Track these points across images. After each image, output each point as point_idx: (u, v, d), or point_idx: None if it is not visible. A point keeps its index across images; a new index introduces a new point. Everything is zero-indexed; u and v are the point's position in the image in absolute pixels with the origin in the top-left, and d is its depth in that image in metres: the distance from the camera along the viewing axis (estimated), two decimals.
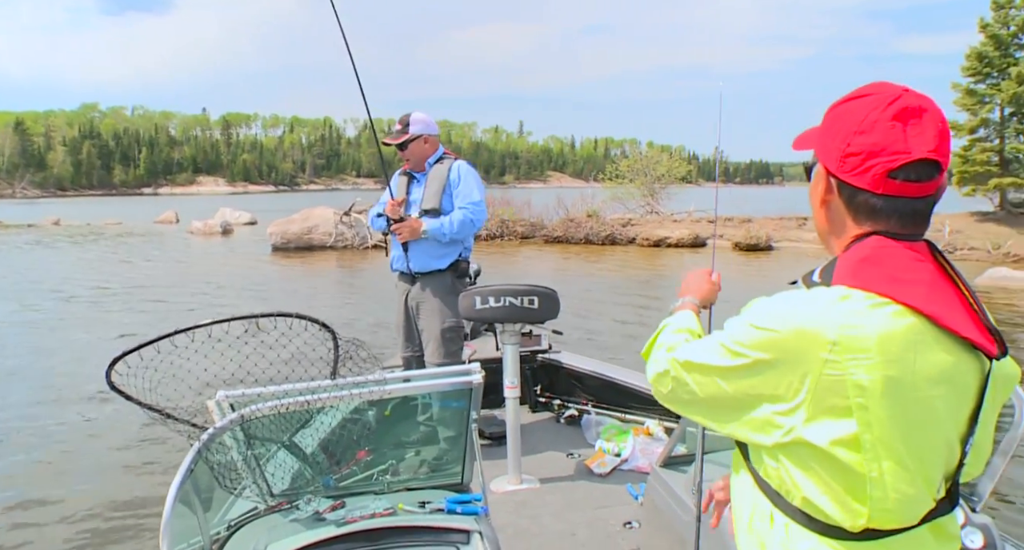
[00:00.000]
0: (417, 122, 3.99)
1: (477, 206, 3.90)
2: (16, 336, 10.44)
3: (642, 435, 4.15)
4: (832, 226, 1.13)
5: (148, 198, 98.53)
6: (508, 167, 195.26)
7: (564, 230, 24.04)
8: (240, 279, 16.34)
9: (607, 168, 30.24)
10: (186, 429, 2.07)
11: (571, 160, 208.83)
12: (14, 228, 32.64)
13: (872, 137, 1.02)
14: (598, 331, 10.40)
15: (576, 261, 19.93)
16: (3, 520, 4.64)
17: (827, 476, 1.00)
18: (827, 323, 0.97)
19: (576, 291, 13.97)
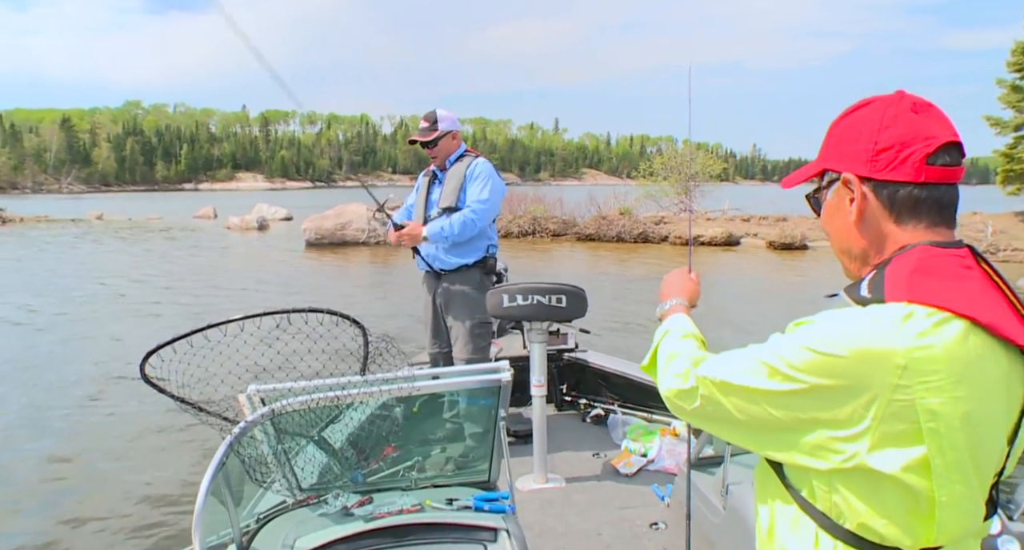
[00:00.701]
0: (444, 119, 4.02)
1: (483, 204, 3.86)
2: (52, 330, 10.64)
3: (668, 435, 4.13)
4: (869, 236, 1.07)
5: (189, 194, 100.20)
6: (543, 164, 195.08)
7: (596, 228, 23.95)
8: (273, 275, 16.60)
9: (641, 166, 30.05)
10: (218, 422, 2.09)
11: (606, 157, 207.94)
12: (59, 223, 33.52)
13: (900, 129, 1.01)
14: (627, 330, 10.35)
15: (607, 259, 19.85)
16: (36, 514, 4.74)
17: (891, 502, 0.96)
18: (895, 346, 0.92)
19: (606, 289, 13.96)
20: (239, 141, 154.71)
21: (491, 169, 4.00)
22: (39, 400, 7.19)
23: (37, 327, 10.87)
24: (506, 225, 24.73)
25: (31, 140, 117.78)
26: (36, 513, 4.81)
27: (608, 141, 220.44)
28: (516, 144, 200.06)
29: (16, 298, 13.27)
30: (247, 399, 2.09)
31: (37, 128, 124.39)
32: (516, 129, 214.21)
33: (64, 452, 5.87)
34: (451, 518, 2.16)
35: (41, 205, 46.60)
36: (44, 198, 74.21)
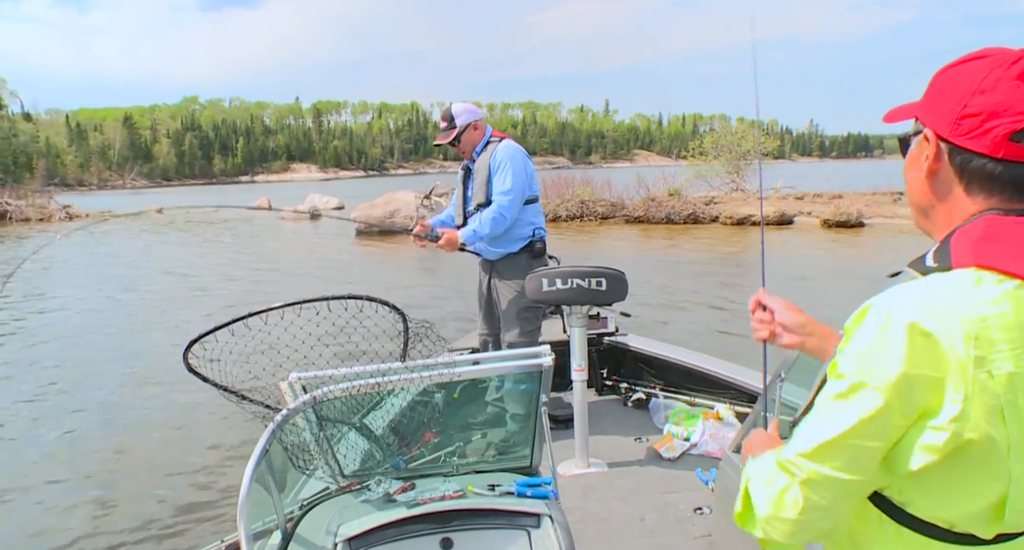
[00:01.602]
0: (461, 113, 3.98)
1: (507, 195, 3.81)
2: (101, 320, 11.05)
3: (711, 420, 4.07)
4: (937, 198, 1.02)
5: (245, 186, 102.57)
6: (594, 146, 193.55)
7: (645, 210, 23.60)
8: (323, 263, 16.87)
9: (690, 145, 29.58)
10: (260, 410, 2.11)
11: (658, 138, 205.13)
12: (126, 218, 34.64)
13: (995, 96, 0.93)
14: (677, 312, 10.24)
15: (656, 241, 19.57)
16: (83, 501, 4.85)
17: (970, 487, 0.91)
18: (968, 316, 0.87)
19: (654, 272, 13.85)
20: (293, 133, 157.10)
21: (512, 152, 3.92)
22: (101, 386, 7.48)
23: (97, 316, 11.32)
24: (554, 209, 24.63)
25: (95, 138, 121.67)
26: (81, 496, 4.96)
27: (660, 121, 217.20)
28: (566, 127, 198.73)
29: (74, 290, 13.82)
30: (289, 387, 2.10)
31: (101, 126, 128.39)
32: (566, 112, 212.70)
33: (107, 438, 6.06)
34: (494, 504, 2.16)
35: (106, 201, 48.22)
36: (109, 194, 76.58)
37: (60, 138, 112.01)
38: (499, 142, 3.98)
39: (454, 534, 2.11)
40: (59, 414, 6.74)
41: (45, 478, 5.30)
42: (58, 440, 6.09)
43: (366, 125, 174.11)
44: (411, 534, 2.09)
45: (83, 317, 11.44)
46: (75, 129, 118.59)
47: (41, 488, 5.13)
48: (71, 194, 60.83)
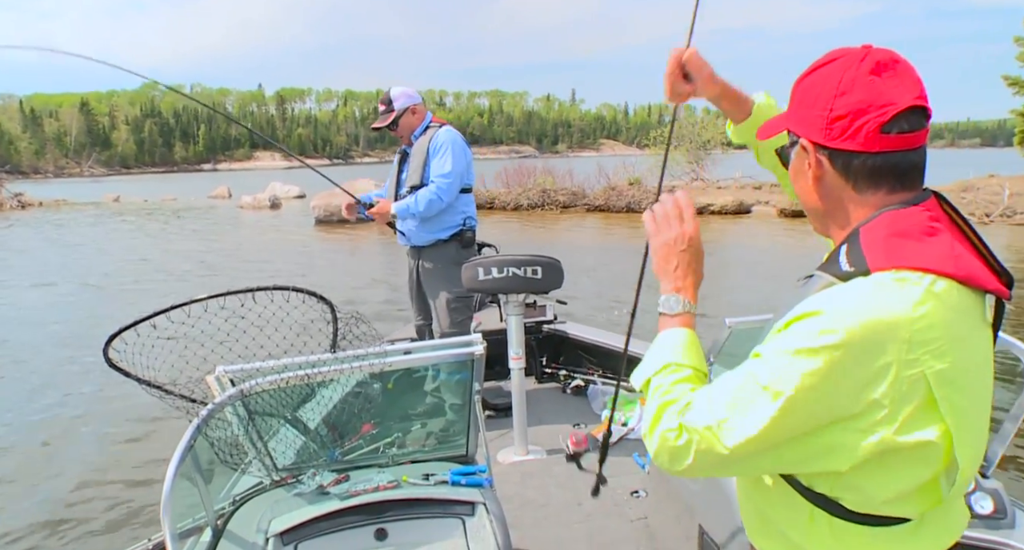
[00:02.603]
0: (399, 97, 3.95)
1: (445, 178, 3.81)
2: (40, 309, 10.85)
3: None
4: (829, 203, 1.06)
5: (208, 174, 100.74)
6: (561, 136, 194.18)
7: (606, 199, 23.76)
8: (277, 252, 16.75)
9: (651, 134, 29.78)
10: (184, 405, 2.06)
11: (624, 127, 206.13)
12: (79, 206, 33.98)
13: (855, 96, 0.97)
14: (627, 301, 10.33)
15: (616, 230, 19.72)
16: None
17: (903, 479, 0.94)
18: (898, 318, 0.89)
19: (609, 261, 13.97)
20: (256, 120, 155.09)
21: (452, 138, 3.90)
22: (30, 379, 7.32)
23: (38, 308, 11.10)
24: (515, 198, 24.70)
25: (51, 125, 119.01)
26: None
27: (625, 111, 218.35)
28: (533, 116, 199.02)
29: (21, 280, 13.60)
30: (215, 380, 2.06)
31: (57, 112, 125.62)
32: (533, 101, 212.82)
33: (42, 433, 5.90)
34: (428, 493, 2.15)
35: (62, 189, 47.07)
36: (66, 182, 74.98)
37: (13, 124, 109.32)
38: (439, 128, 3.97)
39: (388, 525, 2.11)
40: None
41: None
42: None
43: (331, 113, 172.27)
44: (344, 526, 2.08)
45: (20, 306, 11.26)
46: (29, 115, 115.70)
47: None
48: (25, 182, 59.47)
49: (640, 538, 2.96)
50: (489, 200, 25.19)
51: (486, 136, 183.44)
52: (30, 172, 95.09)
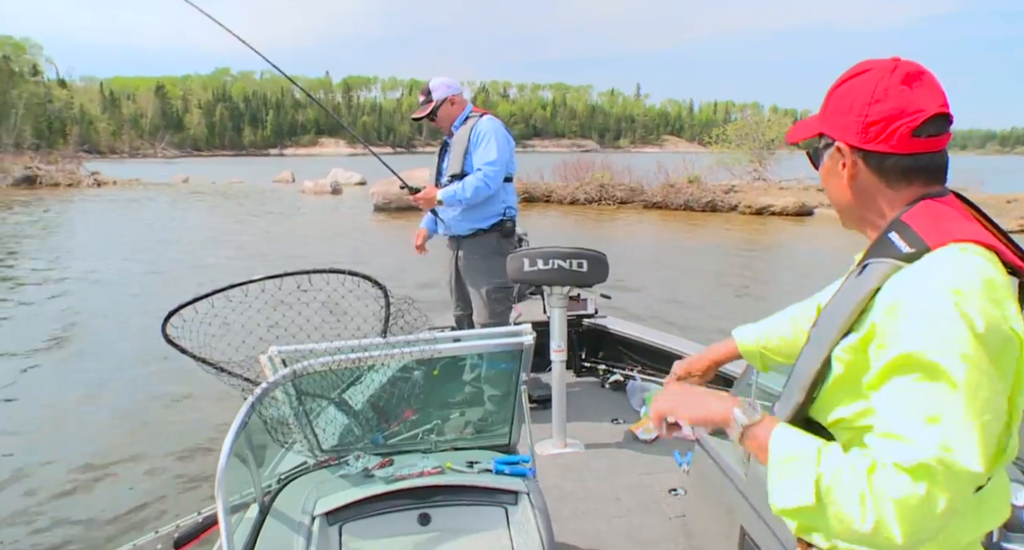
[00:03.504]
0: (438, 87, 3.94)
1: (492, 166, 3.78)
2: (101, 290, 11.15)
3: None
4: (863, 200, 1.16)
5: (274, 158, 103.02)
6: (624, 131, 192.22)
7: (664, 196, 23.42)
8: (336, 237, 17.02)
9: (713, 132, 29.28)
10: (239, 383, 2.09)
11: (688, 124, 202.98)
12: (151, 186, 35.24)
13: (889, 103, 1.08)
14: (679, 300, 10.18)
15: (673, 227, 19.47)
16: (68, 474, 4.80)
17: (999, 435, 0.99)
18: (991, 278, 0.98)
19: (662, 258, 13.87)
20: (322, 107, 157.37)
21: (494, 127, 3.88)
22: (99, 355, 7.59)
23: (106, 284, 11.53)
24: (572, 192, 24.62)
25: (128, 107, 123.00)
26: (61, 462, 4.96)
27: (690, 107, 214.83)
28: (596, 110, 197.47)
29: (87, 257, 14.08)
30: (268, 360, 2.09)
31: (134, 95, 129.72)
32: (596, 95, 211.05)
33: (104, 407, 6.10)
34: (472, 481, 2.15)
35: (136, 169, 48.79)
36: (140, 162, 77.56)
37: (94, 106, 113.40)
38: (480, 117, 3.95)
39: (432, 510, 2.12)
40: (46, 378, 6.88)
41: (24, 442, 5.37)
42: (47, 404, 6.19)
43: (395, 102, 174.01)
44: (389, 509, 2.10)
45: (90, 282, 11.71)
46: (109, 97, 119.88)
47: (20, 453, 5.19)
48: (102, 161, 61.66)
49: (678, 536, 2.95)
50: (546, 193, 25.17)
51: (548, 129, 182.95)
52: (107, 152, 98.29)
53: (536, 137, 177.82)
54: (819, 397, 1.15)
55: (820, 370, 1.12)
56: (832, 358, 1.10)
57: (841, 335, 1.08)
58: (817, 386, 1.13)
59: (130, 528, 4.00)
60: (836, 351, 1.09)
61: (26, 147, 48.11)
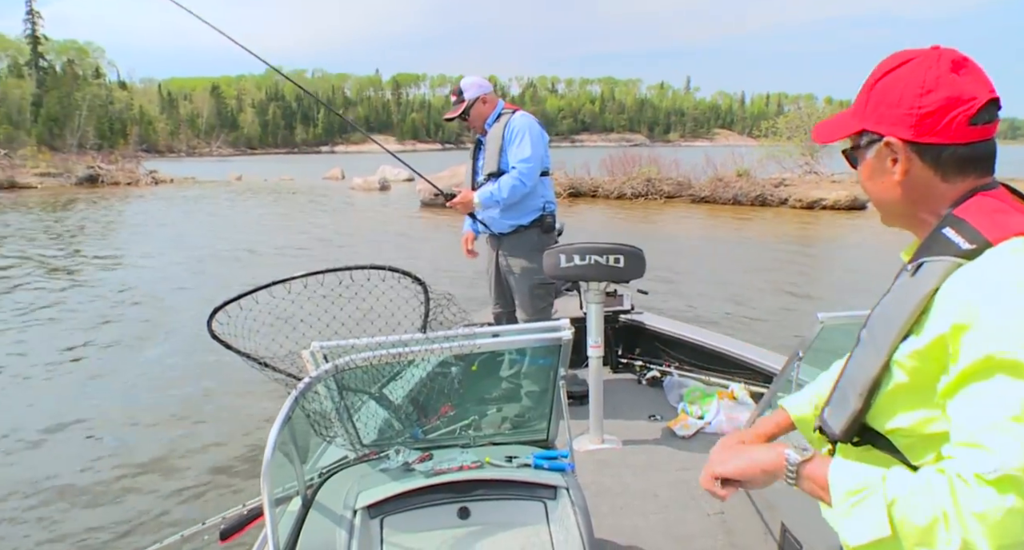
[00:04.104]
0: (470, 87, 3.94)
1: (526, 163, 3.76)
2: (152, 284, 11.50)
3: (726, 399, 4.05)
4: (914, 196, 1.11)
5: (325, 156, 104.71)
6: (673, 124, 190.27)
7: (712, 190, 23.10)
8: (382, 233, 17.32)
9: (763, 125, 28.76)
10: (283, 378, 2.12)
11: (740, 117, 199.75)
12: (206, 183, 36.30)
13: (941, 92, 1.03)
14: (724, 297, 10.02)
15: (720, 222, 19.19)
16: (112, 467, 4.91)
17: None
18: None
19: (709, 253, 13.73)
20: (372, 104, 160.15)
21: (527, 123, 3.86)
22: (148, 349, 7.78)
23: (157, 277, 11.95)
24: (619, 186, 24.49)
25: (185, 107, 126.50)
26: (106, 454, 5.09)
27: (742, 100, 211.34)
28: (645, 104, 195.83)
29: (142, 253, 14.57)
30: (311, 355, 2.12)
31: (190, 95, 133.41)
32: (646, 88, 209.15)
33: (149, 397, 6.24)
34: (511, 475, 2.15)
35: (191, 167, 50.41)
36: (196, 161, 79.66)
37: (152, 106, 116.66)
38: (512, 114, 3.93)
39: (472, 504, 2.13)
40: (101, 368, 7.11)
41: (72, 431, 5.52)
42: (91, 395, 6.36)
43: (444, 98, 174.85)
44: (429, 503, 2.12)
45: (136, 274, 12.19)
46: (166, 98, 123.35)
47: (68, 439, 5.35)
48: (160, 160, 63.61)
49: (717, 532, 2.92)
50: (592, 188, 25.09)
51: (597, 123, 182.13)
52: (165, 151, 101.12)
53: (584, 132, 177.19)
54: (876, 403, 1.09)
55: (878, 376, 1.07)
56: (892, 364, 1.05)
57: (900, 339, 1.03)
58: (875, 392, 1.08)
59: (178, 519, 4.12)
60: (897, 356, 1.04)
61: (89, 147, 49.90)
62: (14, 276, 12.09)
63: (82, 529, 4.07)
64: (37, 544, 3.93)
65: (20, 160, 39.08)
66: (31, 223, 20.26)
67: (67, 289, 11.02)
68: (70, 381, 6.78)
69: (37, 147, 45.32)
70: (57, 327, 8.76)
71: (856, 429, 1.12)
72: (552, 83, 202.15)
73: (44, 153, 42.24)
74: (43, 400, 6.23)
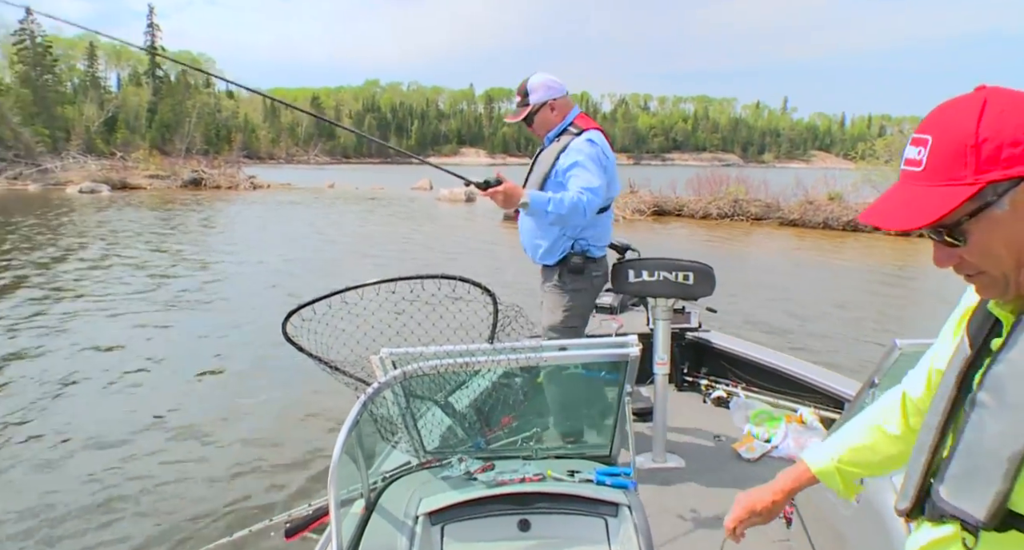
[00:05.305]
0: (537, 88, 3.31)
1: (594, 192, 3.12)
2: (235, 282, 12.10)
3: (794, 423, 3.92)
4: None
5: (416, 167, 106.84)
6: (768, 145, 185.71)
7: (801, 213, 22.35)
8: (462, 243, 17.63)
9: (859, 147, 27.76)
10: (352, 382, 2.16)
11: (839, 139, 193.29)
12: (300, 190, 37.89)
13: None
14: (798, 324, 9.69)
15: (808, 247, 18.57)
16: (179, 461, 5.06)
17: None
18: None
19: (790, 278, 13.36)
20: (464, 118, 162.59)
21: (591, 152, 3.22)
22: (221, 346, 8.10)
23: (244, 275, 12.61)
24: (704, 206, 24.10)
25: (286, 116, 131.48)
26: (181, 450, 5.24)
27: (841, 122, 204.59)
28: (740, 123, 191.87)
29: (227, 250, 15.48)
30: (380, 361, 2.15)
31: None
32: (740, 108, 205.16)
33: (228, 397, 6.40)
34: (573, 490, 2.14)
35: (289, 174, 52.52)
36: (294, 168, 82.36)
37: (256, 115, 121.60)
38: (578, 134, 3.28)
39: (532, 516, 2.12)
40: (181, 364, 7.41)
41: (142, 425, 5.75)
42: (179, 391, 6.62)
43: None
44: (490, 513, 2.12)
45: (220, 272, 12.88)
46: (269, 107, 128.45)
47: (141, 432, 5.57)
48: (260, 166, 66.27)
49: None
50: (677, 207, 24.76)
51: (689, 142, 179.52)
52: (266, 158, 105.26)
53: (676, 150, 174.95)
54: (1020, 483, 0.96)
55: None
56: None
57: None
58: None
59: (245, 517, 4.21)
60: None
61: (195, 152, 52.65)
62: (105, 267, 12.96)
63: (152, 522, 4.21)
64: (108, 537, 4.08)
65: (133, 163, 41.91)
66: (139, 220, 21.92)
67: (158, 278, 11.86)
68: (146, 370, 7.15)
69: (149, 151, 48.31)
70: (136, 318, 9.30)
71: (1002, 516, 0.98)
72: (644, 100, 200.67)
73: (155, 157, 45.03)
74: (120, 392, 6.58)
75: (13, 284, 11.69)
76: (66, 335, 8.50)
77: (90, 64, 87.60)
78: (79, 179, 36.07)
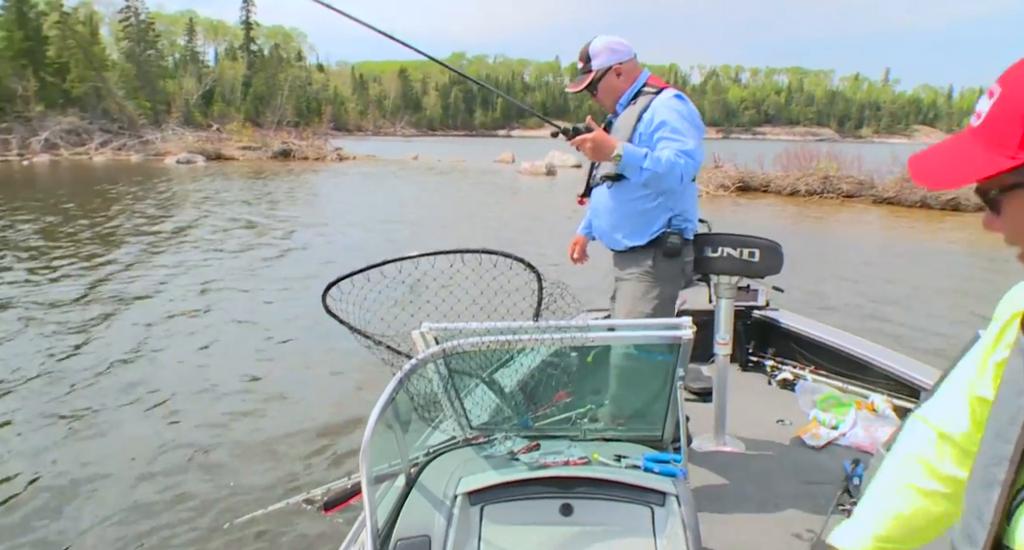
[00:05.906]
0: (600, 53, 2.98)
1: (690, 156, 2.74)
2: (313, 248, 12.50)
3: (864, 410, 3.70)
4: None
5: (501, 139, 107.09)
6: (867, 119, 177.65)
7: (897, 190, 21.05)
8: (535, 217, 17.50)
9: (963, 121, 26.14)
10: (391, 357, 2.11)
11: (945, 113, 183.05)
12: (384, 162, 38.51)
13: None
14: (885, 308, 9.11)
15: (902, 226, 17.55)
16: (210, 433, 5.03)
17: None
18: None
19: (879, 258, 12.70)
20: (550, 90, 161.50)
21: (680, 110, 2.83)
22: None
23: (320, 244, 13.01)
24: (792, 183, 23.22)
25: (374, 88, 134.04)
26: (222, 416, 5.28)
27: (948, 94, 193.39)
28: (836, 96, 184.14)
29: (311, 220, 15.82)
30: (420, 336, 2.11)
31: (380, 78, 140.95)
32: (838, 80, 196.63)
33: (244, 369, 6.35)
34: (619, 476, 2.06)
35: (375, 146, 53.55)
36: (380, 140, 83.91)
37: (345, 87, 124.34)
38: (656, 93, 2.92)
39: (575, 501, 2.06)
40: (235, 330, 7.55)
41: (194, 383, 5.89)
42: (218, 358, 6.72)
43: None
44: (532, 496, 2.06)
45: (300, 238, 13.38)
46: (358, 80, 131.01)
47: (189, 397, 5.66)
48: (347, 138, 67.76)
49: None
50: (764, 183, 23.90)
51: (781, 115, 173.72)
52: (354, 130, 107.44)
53: (767, 124, 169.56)
54: None
55: None
56: None
57: None
58: None
59: (284, 488, 4.24)
60: None
61: (286, 124, 54.30)
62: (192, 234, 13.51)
63: (193, 491, 4.27)
64: (152, 505, 4.14)
65: (227, 134, 43.58)
66: (233, 188, 23.06)
67: (247, 245, 12.15)
68: (202, 330, 7.44)
69: (242, 123, 50.11)
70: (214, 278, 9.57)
71: None
72: (736, 72, 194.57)
73: (247, 129, 46.70)
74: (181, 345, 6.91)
75: (116, 240, 12.85)
76: (163, 286, 9.31)
77: (189, 39, 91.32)
78: (177, 150, 37.89)
